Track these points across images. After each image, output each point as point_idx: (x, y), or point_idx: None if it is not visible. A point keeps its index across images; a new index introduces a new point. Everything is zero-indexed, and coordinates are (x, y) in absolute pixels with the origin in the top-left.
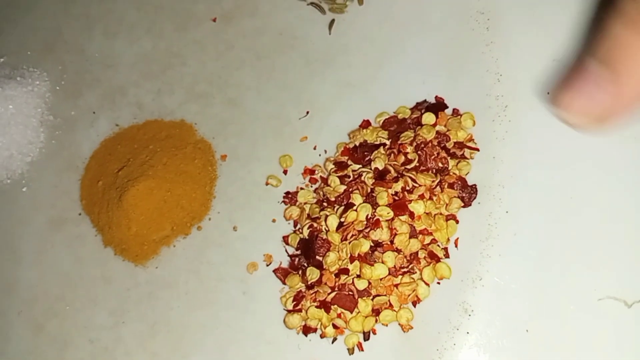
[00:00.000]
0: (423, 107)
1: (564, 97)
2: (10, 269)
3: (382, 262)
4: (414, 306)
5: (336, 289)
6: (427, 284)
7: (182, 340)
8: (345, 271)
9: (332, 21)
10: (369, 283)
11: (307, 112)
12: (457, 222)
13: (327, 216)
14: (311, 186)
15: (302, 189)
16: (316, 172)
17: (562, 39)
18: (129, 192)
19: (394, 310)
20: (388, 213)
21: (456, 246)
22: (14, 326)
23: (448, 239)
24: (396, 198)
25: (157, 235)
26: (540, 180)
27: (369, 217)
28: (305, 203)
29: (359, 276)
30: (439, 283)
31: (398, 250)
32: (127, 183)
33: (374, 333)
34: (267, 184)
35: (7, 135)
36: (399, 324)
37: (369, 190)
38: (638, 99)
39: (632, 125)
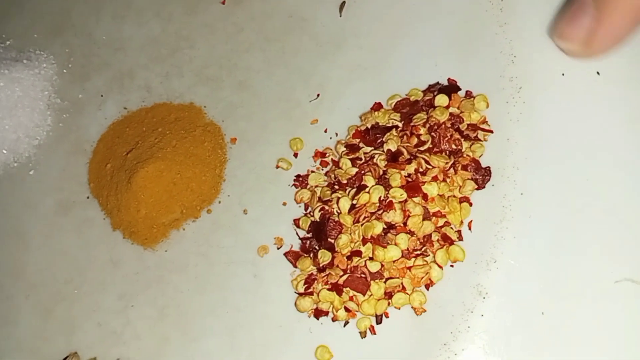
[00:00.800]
0: (436, 89)
1: (558, 25)
2: (18, 253)
3: (395, 244)
4: (427, 289)
5: (348, 271)
6: (441, 267)
7: (192, 323)
8: (357, 253)
9: (343, 3)
10: (382, 265)
11: (318, 95)
12: (471, 204)
13: (339, 198)
14: (322, 169)
15: (312, 172)
16: (327, 154)
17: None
18: (138, 174)
19: (407, 293)
20: (401, 195)
21: (470, 229)
22: (22, 310)
23: (462, 222)
24: (409, 180)
25: (166, 218)
26: (555, 162)
27: (381, 199)
28: (316, 186)
29: (371, 258)
30: (452, 266)
31: (411, 233)
32: (136, 165)
33: (387, 316)
34: (277, 167)
35: (14, 118)
36: (412, 307)
37: (381, 172)
38: (621, 23)
39: None
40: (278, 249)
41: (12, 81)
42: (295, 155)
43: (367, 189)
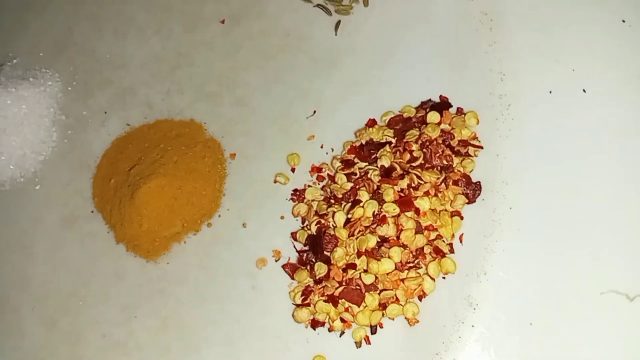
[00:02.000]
0: (428, 106)
1: None
2: (24, 266)
3: (389, 257)
4: (420, 300)
5: (344, 283)
6: (433, 279)
7: (193, 334)
8: (352, 266)
9: (338, 22)
10: (376, 278)
11: (314, 112)
12: (462, 218)
13: (334, 212)
14: (318, 184)
15: (309, 186)
16: (323, 169)
17: (563, 39)
18: (140, 189)
19: (401, 304)
20: (394, 209)
21: (461, 242)
22: (27, 322)
23: (453, 235)
24: (402, 195)
25: (168, 232)
26: (544, 177)
27: (375, 213)
28: (312, 200)
29: (366, 271)
30: (444, 278)
31: (404, 246)
32: (139, 181)
33: (381, 327)
34: (275, 181)
35: (20, 135)
36: (406, 318)
37: (375, 187)
38: None
39: (634, 122)
40: (276, 261)
41: (19, 99)
42: (293, 170)
43: (361, 204)
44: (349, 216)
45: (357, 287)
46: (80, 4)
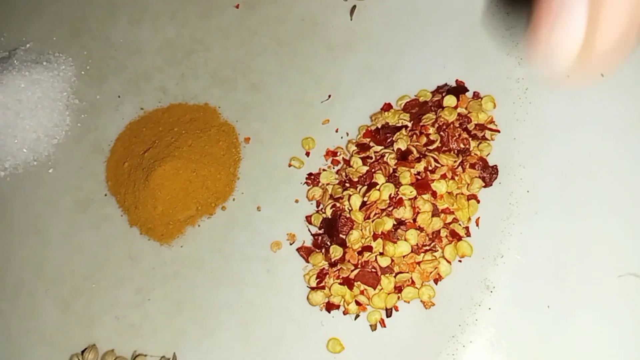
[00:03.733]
0: (444, 90)
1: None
2: (38, 249)
3: (405, 240)
4: (436, 283)
5: (359, 266)
6: (449, 262)
7: (207, 317)
8: (368, 249)
9: (354, 7)
10: (392, 260)
11: (329, 96)
12: (479, 201)
13: (350, 196)
14: (333, 167)
15: (324, 170)
16: (338, 154)
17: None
18: (155, 172)
19: (416, 288)
20: (411, 192)
21: (477, 225)
22: (41, 304)
23: (469, 218)
24: (419, 178)
25: (182, 215)
26: (560, 161)
27: (391, 196)
28: (327, 184)
29: (381, 254)
30: (460, 261)
31: (420, 229)
32: (153, 164)
33: (396, 310)
34: (289, 165)
35: (34, 118)
36: (421, 301)
37: (391, 170)
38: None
39: None
40: (291, 244)
41: (33, 83)
42: (307, 154)
43: (377, 187)
44: (365, 199)
45: (373, 270)
46: None
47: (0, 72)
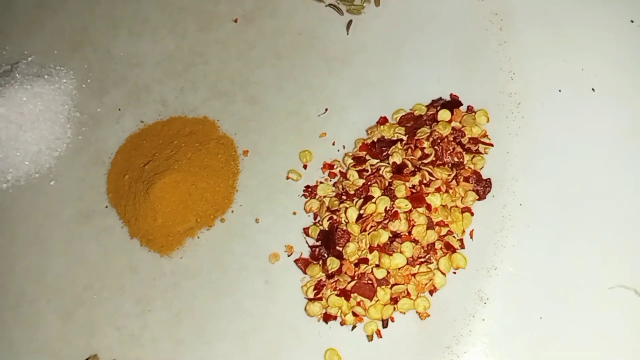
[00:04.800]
0: (439, 104)
1: None
2: (40, 259)
3: (400, 252)
4: (431, 295)
5: (356, 278)
6: (444, 274)
7: (206, 327)
8: (364, 261)
9: (350, 22)
10: (388, 272)
11: (326, 110)
12: (472, 214)
13: (346, 208)
14: (330, 180)
15: (321, 182)
16: (335, 166)
17: (573, 38)
18: (155, 185)
19: (412, 299)
20: (406, 205)
21: (471, 237)
22: (43, 314)
23: (463, 231)
24: (414, 191)
25: (181, 227)
26: (552, 174)
27: (387, 209)
28: (324, 196)
29: (377, 266)
30: (455, 272)
31: (415, 241)
32: (153, 176)
33: (392, 321)
34: (287, 178)
35: (36, 131)
36: (417, 312)
37: (387, 183)
38: None
39: None
40: (288, 256)
41: (35, 96)
42: (305, 166)
43: (373, 200)
44: (361, 212)
45: (369, 282)
46: (96, 4)
47: (3, 86)
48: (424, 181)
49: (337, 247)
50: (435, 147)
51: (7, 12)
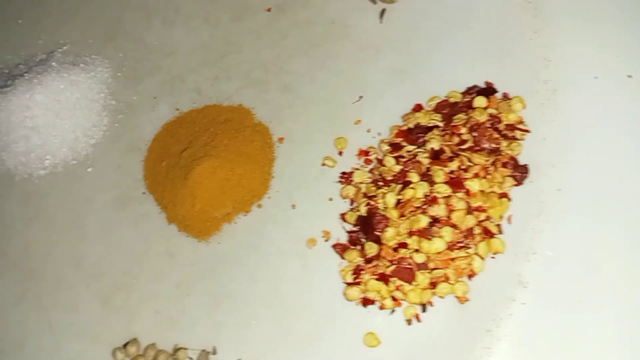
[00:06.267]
0: (474, 91)
1: None
2: (78, 245)
3: (440, 237)
4: (470, 279)
5: (395, 262)
6: (482, 258)
7: (245, 311)
8: (403, 245)
9: (383, 10)
10: (427, 257)
11: (361, 97)
12: (510, 199)
13: (385, 194)
14: (366, 167)
15: (357, 169)
16: (370, 153)
17: (608, 25)
18: (194, 170)
19: (451, 283)
20: (446, 190)
21: (509, 222)
22: (82, 298)
23: (501, 216)
24: (452, 176)
25: (219, 213)
26: (589, 160)
27: (426, 194)
28: (360, 182)
29: (417, 250)
30: (493, 257)
31: (454, 226)
32: (192, 163)
33: (431, 305)
34: (323, 164)
35: (73, 119)
36: (455, 296)
37: (424, 169)
38: None
39: None
40: (326, 241)
41: (71, 84)
42: (340, 153)
43: (412, 185)
44: (400, 197)
45: (409, 266)
46: None
47: (41, 74)
48: (462, 167)
49: (376, 232)
50: (473, 133)
51: (41, 2)
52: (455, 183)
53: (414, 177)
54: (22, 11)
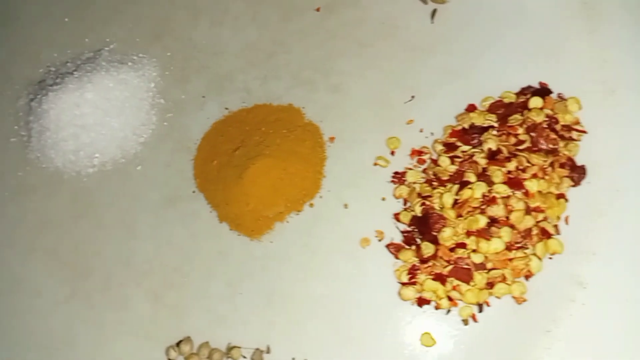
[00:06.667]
0: (529, 91)
1: None
2: (128, 243)
3: (499, 237)
4: (527, 279)
5: (452, 262)
6: (540, 259)
7: (297, 310)
8: (461, 245)
9: (434, 10)
10: (485, 257)
11: (412, 97)
12: (567, 200)
13: (442, 194)
14: (419, 167)
15: (410, 169)
16: (424, 153)
17: None
18: (249, 169)
19: (508, 284)
20: (505, 190)
21: (567, 223)
22: (133, 296)
23: (559, 217)
24: (510, 177)
25: (271, 212)
26: None
27: (484, 194)
28: (414, 182)
29: (474, 250)
30: (551, 258)
31: (512, 227)
32: (246, 161)
33: (488, 305)
34: (375, 164)
35: (121, 117)
36: (513, 297)
37: (481, 169)
38: None
39: None
40: (379, 241)
41: (120, 82)
42: (392, 153)
43: (469, 185)
44: (457, 197)
45: (466, 266)
46: None
47: (90, 72)
48: (520, 167)
49: (432, 232)
50: (531, 133)
51: (87, 1)
52: (515, 183)
53: (471, 177)
54: (69, 9)
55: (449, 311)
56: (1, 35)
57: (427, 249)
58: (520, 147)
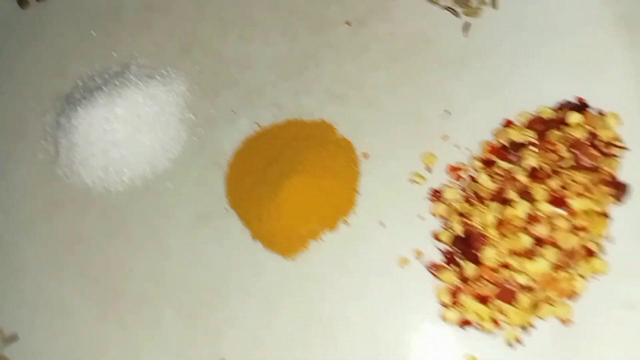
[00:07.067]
0: (567, 107)
1: None
2: (159, 261)
3: (543, 257)
4: (572, 300)
5: (495, 283)
6: (585, 278)
7: (335, 331)
8: (504, 265)
9: (468, 24)
10: (529, 277)
11: (447, 112)
12: (610, 218)
13: (483, 212)
14: (456, 183)
15: (447, 186)
16: (461, 169)
17: None
18: (284, 186)
19: (553, 305)
20: (549, 209)
21: (610, 242)
22: (165, 315)
23: (602, 235)
24: (553, 195)
25: (305, 229)
26: None
27: (528, 212)
28: (452, 200)
29: (518, 270)
30: (596, 278)
31: (557, 246)
32: (280, 178)
33: (532, 326)
34: (411, 181)
35: (151, 133)
36: (558, 318)
37: (523, 187)
38: None
39: None
40: (418, 260)
41: (149, 97)
42: (429, 169)
43: (512, 203)
44: (499, 216)
45: (510, 287)
46: (205, 6)
47: (119, 87)
48: (563, 185)
49: (474, 252)
50: (572, 150)
51: (114, 15)
52: (558, 201)
53: (513, 195)
54: (96, 23)
55: (492, 333)
56: (28, 50)
57: (469, 269)
58: (562, 165)
